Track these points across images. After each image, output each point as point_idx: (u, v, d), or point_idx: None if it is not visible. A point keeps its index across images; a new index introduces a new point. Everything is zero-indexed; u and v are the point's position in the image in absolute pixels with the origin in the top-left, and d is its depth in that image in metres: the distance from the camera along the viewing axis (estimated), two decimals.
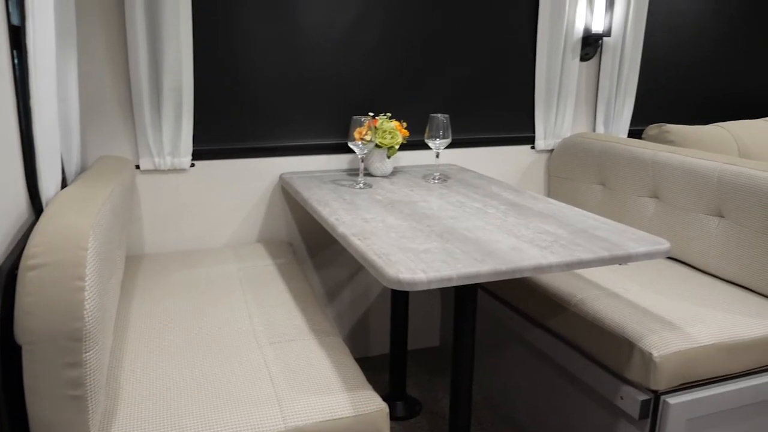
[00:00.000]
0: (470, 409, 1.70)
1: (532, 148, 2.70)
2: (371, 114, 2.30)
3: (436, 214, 1.76)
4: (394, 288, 1.29)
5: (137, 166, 2.18)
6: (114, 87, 2.10)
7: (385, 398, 2.29)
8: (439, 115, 2.13)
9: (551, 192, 2.72)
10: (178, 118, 2.15)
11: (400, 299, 2.21)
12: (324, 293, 2.53)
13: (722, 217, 1.99)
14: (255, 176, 2.33)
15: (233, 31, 2.19)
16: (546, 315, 1.95)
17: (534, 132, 2.69)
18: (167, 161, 2.18)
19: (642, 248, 1.48)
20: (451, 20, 2.46)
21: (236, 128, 2.27)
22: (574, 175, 2.57)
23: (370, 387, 1.40)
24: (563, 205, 1.87)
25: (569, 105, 2.69)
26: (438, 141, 2.15)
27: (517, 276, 1.36)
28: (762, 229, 1.84)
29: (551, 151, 2.73)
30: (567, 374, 1.91)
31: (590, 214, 1.76)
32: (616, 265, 2.13)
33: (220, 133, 2.26)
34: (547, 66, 2.62)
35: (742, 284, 1.94)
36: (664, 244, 1.50)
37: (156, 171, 2.21)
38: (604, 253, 1.44)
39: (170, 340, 1.56)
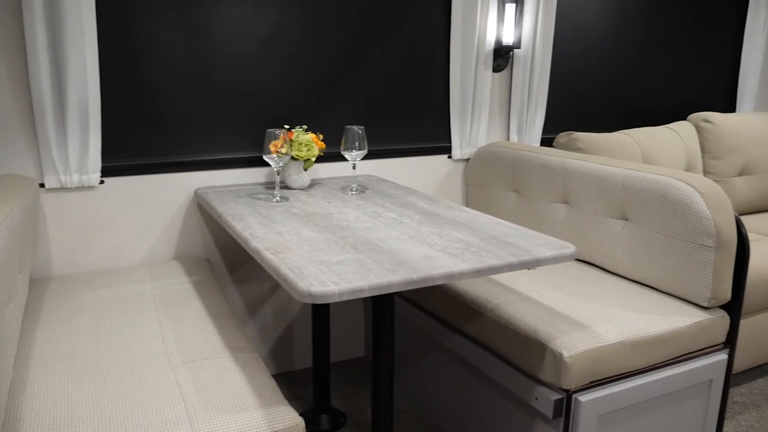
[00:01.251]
0: (392, 418, 1.70)
1: (449, 157, 2.76)
2: (287, 126, 2.29)
3: (351, 225, 1.76)
4: (306, 301, 1.28)
5: (42, 185, 2.09)
6: (14, 101, 2.01)
7: (309, 412, 2.27)
8: (354, 126, 2.14)
9: (469, 200, 2.78)
10: (84, 133, 2.07)
11: (320, 312, 2.20)
12: (244, 309, 2.48)
13: (626, 219, 2.08)
14: (169, 192, 2.27)
15: (142, 42, 2.13)
16: (464, 321, 1.98)
17: (450, 142, 2.74)
18: (74, 179, 2.10)
19: (549, 253, 1.53)
20: (366, 32, 2.48)
21: (148, 143, 2.21)
22: (489, 183, 2.64)
23: (286, 402, 1.38)
24: (477, 213, 1.91)
25: (483, 115, 2.76)
26: (354, 152, 2.16)
27: (429, 284, 1.38)
28: (662, 230, 1.94)
29: (468, 160, 2.79)
30: (485, 378, 1.94)
31: (502, 221, 1.81)
32: (531, 270, 2.19)
33: (131, 148, 2.19)
34: (461, 77, 2.68)
35: (647, 283, 2.04)
36: (569, 248, 1.56)
37: (63, 189, 2.12)
38: (513, 259, 1.48)
39: (77, 364, 1.50)
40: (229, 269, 2.43)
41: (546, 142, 2.95)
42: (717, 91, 3.58)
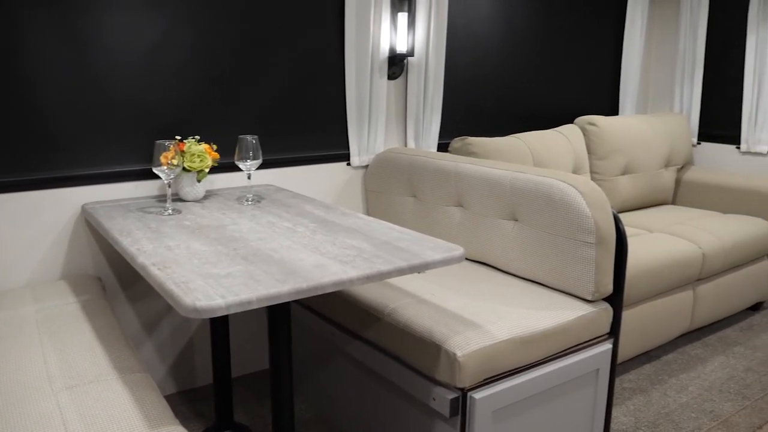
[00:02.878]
0: (293, 429, 1.69)
1: (348, 164, 2.77)
2: (178, 138, 2.24)
3: (244, 236, 1.74)
4: (192, 316, 1.26)
5: None
6: None
7: (211, 429, 2.22)
8: (247, 136, 2.12)
9: (369, 206, 2.81)
10: None
11: (219, 325, 2.16)
12: (140, 327, 2.40)
13: (516, 220, 2.17)
14: (54, 208, 2.16)
15: (19, 52, 2.02)
16: (363, 326, 2.00)
17: (349, 149, 2.76)
18: None
19: (438, 256, 1.57)
20: (260, 41, 2.46)
21: (27, 157, 2.09)
22: (388, 188, 2.67)
23: (176, 422, 1.35)
24: (371, 219, 1.93)
25: (380, 122, 2.79)
26: (248, 162, 2.13)
27: (319, 293, 1.39)
28: (548, 229, 2.03)
29: (366, 166, 2.82)
30: (386, 382, 1.97)
31: (395, 226, 1.84)
32: (421, 273, 2.24)
33: (8, 164, 2.07)
34: (357, 85, 2.71)
35: (536, 280, 2.13)
36: (458, 251, 1.61)
37: None
38: (403, 264, 1.51)
39: None
40: (123, 287, 2.34)
41: (443, 147, 3.03)
42: (601, 95, 3.79)
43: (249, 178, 2.18)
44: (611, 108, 3.86)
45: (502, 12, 3.20)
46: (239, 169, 2.48)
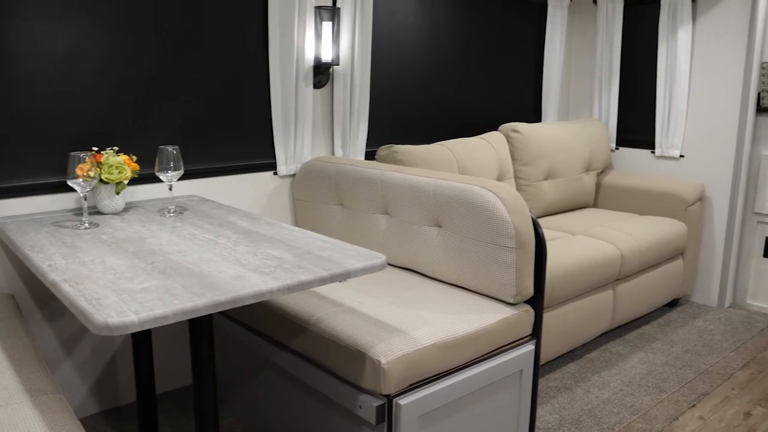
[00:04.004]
0: None
1: (275, 173, 2.76)
2: (95, 149, 2.17)
3: (163, 249, 1.71)
4: (104, 334, 1.22)
5: None
6: None
7: None
8: (168, 146, 2.08)
9: (296, 215, 2.79)
10: None
11: (141, 341, 2.10)
12: (59, 346, 2.31)
13: (440, 226, 2.20)
14: None
15: None
16: (290, 337, 1.99)
17: (275, 158, 2.74)
18: None
19: (360, 264, 1.58)
20: (180, 48, 2.42)
21: None
22: (315, 197, 2.67)
23: None
24: (295, 229, 1.93)
25: (307, 131, 2.79)
26: (170, 173, 2.09)
27: (238, 305, 1.37)
28: (470, 235, 2.08)
29: (294, 175, 2.80)
30: (314, 392, 1.96)
31: (318, 235, 1.84)
32: (353, 280, 2.24)
33: None
34: (282, 93, 2.70)
35: (461, 285, 2.17)
36: (379, 258, 1.62)
37: None
38: (324, 273, 1.51)
39: None
40: (39, 305, 2.25)
41: (370, 155, 3.05)
42: (525, 103, 3.91)
43: (170, 189, 2.14)
44: (534, 115, 3.97)
45: (427, 23, 3.26)
46: (162, 181, 2.43)
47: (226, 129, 2.60)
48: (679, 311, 3.54)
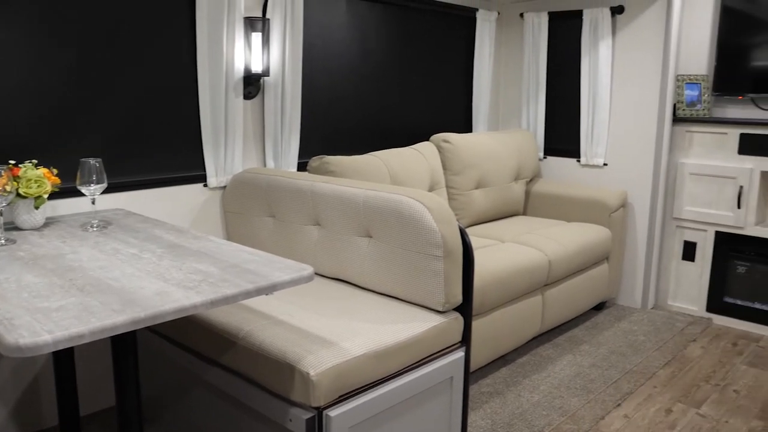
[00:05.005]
0: None
1: (205, 186, 2.72)
2: (12, 162, 2.09)
3: (84, 265, 1.66)
4: (15, 355, 1.18)
5: None
6: None
7: None
8: (90, 159, 2.02)
9: (228, 228, 2.76)
10: None
11: (63, 360, 2.03)
12: None
13: (371, 237, 2.22)
14: None
15: None
16: (219, 352, 1.96)
17: (205, 170, 2.71)
18: None
19: (287, 276, 1.58)
20: (104, 58, 2.36)
21: None
22: (247, 209, 2.65)
23: None
24: (223, 241, 1.91)
25: (238, 142, 2.76)
26: (92, 187, 2.03)
27: (159, 321, 1.35)
28: (400, 245, 2.10)
29: (225, 187, 2.77)
30: (244, 407, 1.94)
31: (246, 248, 1.83)
32: (284, 292, 2.23)
33: None
34: (211, 104, 2.67)
35: (392, 294, 2.19)
36: (306, 270, 1.62)
37: None
38: (249, 286, 1.50)
39: None
40: None
41: (303, 166, 3.04)
42: (456, 114, 3.98)
43: (93, 203, 2.08)
44: (465, 126, 4.06)
45: (359, 35, 3.29)
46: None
47: (154, 140, 2.55)
48: (605, 314, 3.67)
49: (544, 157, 4.07)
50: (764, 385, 2.87)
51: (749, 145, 3.46)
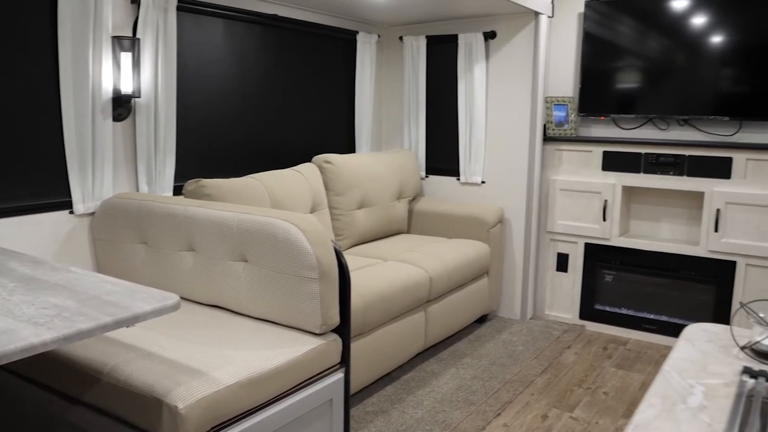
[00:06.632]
0: None
1: (71, 212, 2.57)
2: None
3: None
4: None
5: None
6: None
7: None
8: None
9: (98, 257, 2.63)
10: None
11: None
12: None
13: (246, 261, 2.18)
14: None
15: None
16: (83, 390, 1.85)
17: (71, 196, 2.56)
18: None
19: (149, 307, 1.52)
20: None
21: None
22: (117, 236, 2.53)
23: None
24: (85, 272, 1.81)
25: (107, 166, 2.64)
26: None
27: (5, 362, 1.25)
28: (275, 268, 2.08)
29: (93, 214, 2.64)
30: None
31: (109, 278, 1.74)
32: (156, 322, 2.15)
33: None
34: (77, 127, 2.54)
35: (269, 319, 2.16)
36: (171, 299, 1.57)
37: None
38: (108, 319, 1.43)
39: None
40: None
41: (180, 190, 2.95)
42: (339, 135, 4.02)
43: None
44: (349, 147, 4.10)
45: (238, 55, 3.25)
46: None
47: (10, 166, 2.39)
48: (487, 326, 3.80)
49: (426, 176, 4.19)
50: (630, 385, 3.07)
51: (611, 162, 3.72)
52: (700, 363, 1.51)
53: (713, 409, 1.27)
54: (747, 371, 1.42)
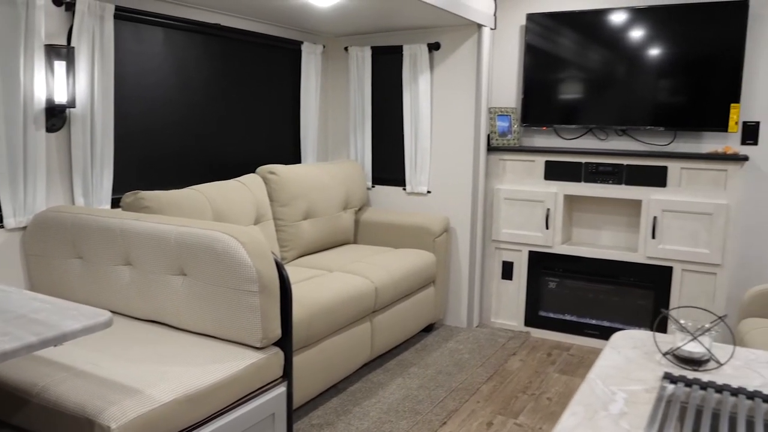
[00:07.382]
0: None
1: (1, 227, 2.48)
2: None
3: None
4: None
5: None
6: None
7: None
8: None
9: (30, 273, 2.53)
10: None
11: None
12: None
13: (185, 275, 2.14)
14: None
15: None
16: (10, 412, 1.78)
17: (1, 210, 2.47)
18: None
19: (78, 325, 1.47)
20: None
21: None
22: (51, 251, 2.45)
23: None
24: (12, 289, 1.74)
25: (40, 178, 2.55)
26: None
27: None
28: (214, 282, 2.04)
29: (25, 228, 2.54)
30: None
31: (39, 295, 1.68)
32: (90, 339, 2.08)
33: None
34: (6, 138, 2.45)
35: (209, 334, 2.12)
36: (103, 317, 1.52)
37: None
38: (33, 339, 1.38)
39: None
40: None
41: (118, 203, 2.88)
42: (285, 145, 3.99)
43: None
44: (294, 157, 4.07)
45: (179, 64, 3.19)
46: None
47: None
48: (434, 335, 3.82)
49: (373, 186, 4.19)
50: (573, 390, 3.13)
51: (553, 171, 3.81)
52: (624, 370, 1.55)
53: (633, 415, 1.31)
54: (667, 377, 1.46)
